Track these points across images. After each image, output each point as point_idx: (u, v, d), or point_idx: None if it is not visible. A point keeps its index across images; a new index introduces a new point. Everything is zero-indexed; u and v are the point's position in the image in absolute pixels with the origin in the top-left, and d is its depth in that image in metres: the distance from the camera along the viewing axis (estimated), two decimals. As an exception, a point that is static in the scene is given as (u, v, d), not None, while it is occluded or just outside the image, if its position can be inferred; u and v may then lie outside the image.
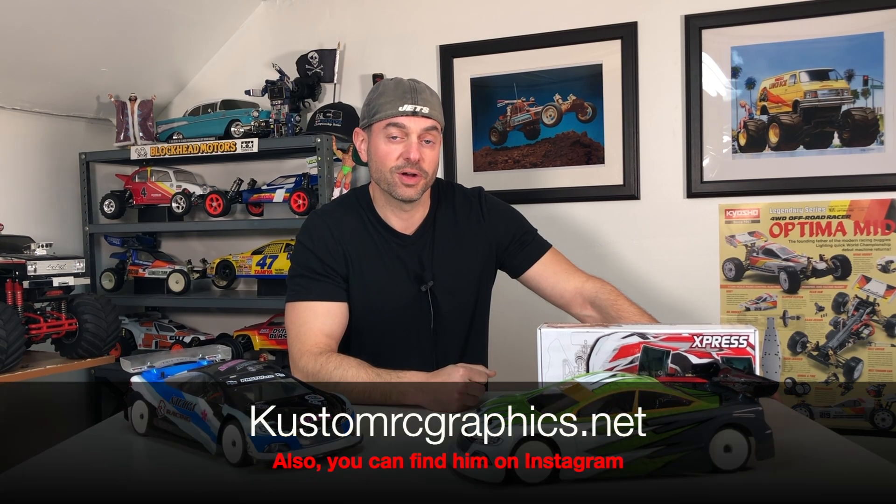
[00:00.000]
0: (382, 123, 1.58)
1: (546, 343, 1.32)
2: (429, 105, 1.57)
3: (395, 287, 1.64)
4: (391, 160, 1.58)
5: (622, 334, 1.30)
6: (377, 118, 1.58)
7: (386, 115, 1.56)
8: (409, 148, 1.56)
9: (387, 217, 1.67)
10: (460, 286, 1.69)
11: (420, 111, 1.56)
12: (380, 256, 1.65)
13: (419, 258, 1.66)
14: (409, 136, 1.57)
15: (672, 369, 1.28)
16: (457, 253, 1.69)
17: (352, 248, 1.64)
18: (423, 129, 1.57)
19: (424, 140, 1.58)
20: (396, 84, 1.59)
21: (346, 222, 1.67)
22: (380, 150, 1.59)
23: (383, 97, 1.58)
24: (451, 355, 1.66)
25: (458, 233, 1.71)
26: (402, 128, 1.57)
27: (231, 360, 1.23)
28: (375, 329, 1.66)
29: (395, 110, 1.55)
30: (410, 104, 1.55)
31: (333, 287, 1.61)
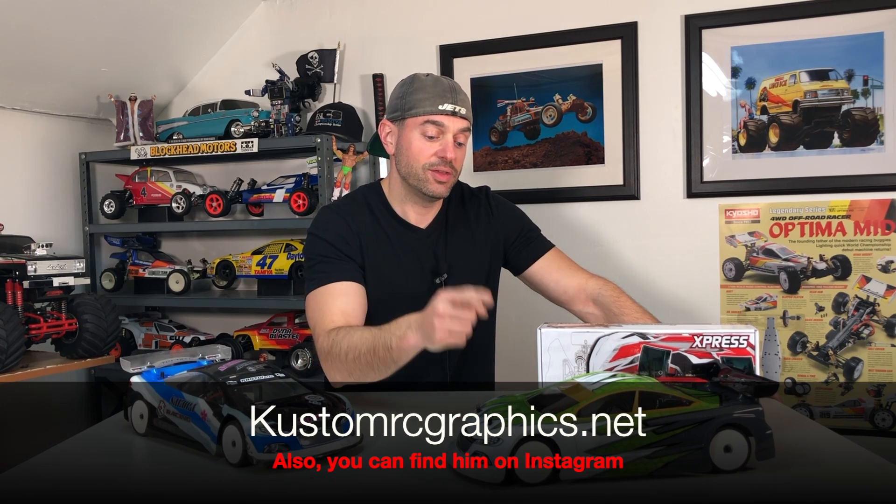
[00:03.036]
0: (419, 119, 1.57)
1: (546, 343, 1.32)
2: (465, 106, 1.58)
3: (411, 278, 1.64)
4: (425, 157, 1.57)
5: (622, 334, 1.30)
6: (412, 113, 1.57)
7: (424, 112, 1.55)
8: (445, 147, 1.57)
9: (403, 211, 1.67)
10: (473, 280, 1.69)
11: (459, 111, 1.56)
12: (393, 249, 1.64)
13: (434, 251, 1.66)
14: (446, 134, 1.57)
15: (672, 369, 1.28)
16: (469, 247, 1.70)
17: (366, 239, 1.63)
18: (459, 129, 1.58)
19: (457, 140, 1.59)
20: (435, 81, 1.58)
21: (359, 215, 1.66)
22: (413, 146, 1.58)
23: (421, 93, 1.56)
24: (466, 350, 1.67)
25: (469, 227, 1.72)
26: (441, 126, 1.56)
27: (231, 360, 1.23)
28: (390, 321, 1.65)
29: (434, 108, 1.55)
30: (451, 104, 1.55)
31: (351, 268, 1.59)
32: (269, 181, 2.85)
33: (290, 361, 2.62)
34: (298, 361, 2.61)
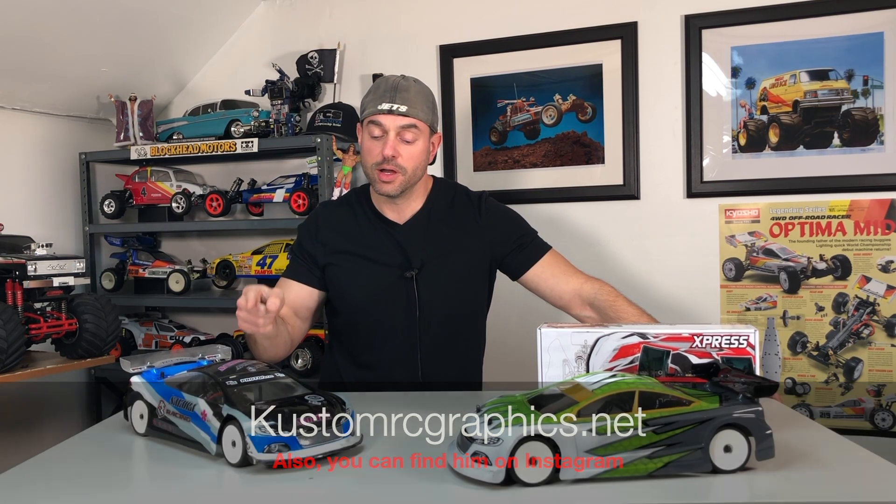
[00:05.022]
0: (366, 121, 1.65)
1: (546, 343, 1.32)
2: (408, 103, 1.61)
3: (378, 270, 1.69)
4: (372, 157, 1.65)
5: (622, 334, 1.30)
6: (363, 115, 1.67)
7: (368, 113, 1.64)
8: (384, 144, 1.62)
9: (381, 208, 1.75)
10: (447, 278, 1.70)
11: (396, 109, 1.61)
12: (367, 241, 1.71)
13: (406, 246, 1.70)
14: (388, 133, 1.62)
15: (672, 369, 1.28)
16: (448, 246, 1.71)
17: (337, 235, 1.73)
18: (399, 126, 1.62)
19: (403, 138, 1.63)
20: (382, 82, 1.66)
21: (338, 213, 1.78)
22: (364, 147, 1.68)
23: (370, 94, 1.66)
24: (439, 348, 1.70)
25: (451, 228, 1.74)
26: (381, 125, 1.62)
27: (231, 360, 1.23)
28: (363, 312, 1.71)
29: (374, 108, 1.62)
30: (388, 102, 1.61)
31: (304, 270, 1.74)
32: (269, 181, 2.85)
33: (290, 361, 2.62)
34: (298, 361, 2.62)
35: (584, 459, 0.94)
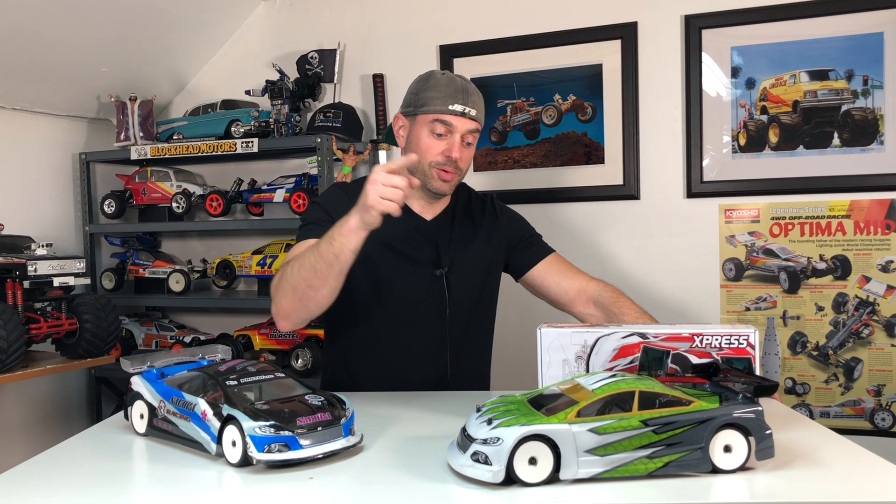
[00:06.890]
0: (429, 117, 1.59)
1: (546, 343, 1.32)
2: (476, 108, 1.60)
3: (408, 266, 1.65)
4: (432, 155, 1.60)
5: (622, 334, 1.30)
6: (424, 110, 1.59)
7: (434, 110, 1.58)
8: (451, 146, 1.59)
9: (409, 202, 1.68)
10: (471, 276, 1.70)
11: (468, 113, 1.58)
12: (397, 235, 1.63)
13: (436, 242, 1.67)
14: (454, 134, 1.59)
15: (672, 369, 1.28)
16: (472, 244, 1.71)
17: None
18: (467, 130, 1.60)
19: (466, 141, 1.61)
20: (449, 81, 1.60)
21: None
22: (422, 143, 1.60)
23: (434, 91, 1.59)
24: (464, 348, 1.69)
25: (474, 226, 1.74)
26: (449, 126, 1.58)
27: (231, 360, 1.23)
28: (395, 309, 1.65)
29: (444, 107, 1.57)
30: (461, 104, 1.57)
31: None
32: (270, 181, 2.85)
33: (290, 361, 2.62)
34: (298, 361, 2.62)
35: (584, 459, 0.94)
